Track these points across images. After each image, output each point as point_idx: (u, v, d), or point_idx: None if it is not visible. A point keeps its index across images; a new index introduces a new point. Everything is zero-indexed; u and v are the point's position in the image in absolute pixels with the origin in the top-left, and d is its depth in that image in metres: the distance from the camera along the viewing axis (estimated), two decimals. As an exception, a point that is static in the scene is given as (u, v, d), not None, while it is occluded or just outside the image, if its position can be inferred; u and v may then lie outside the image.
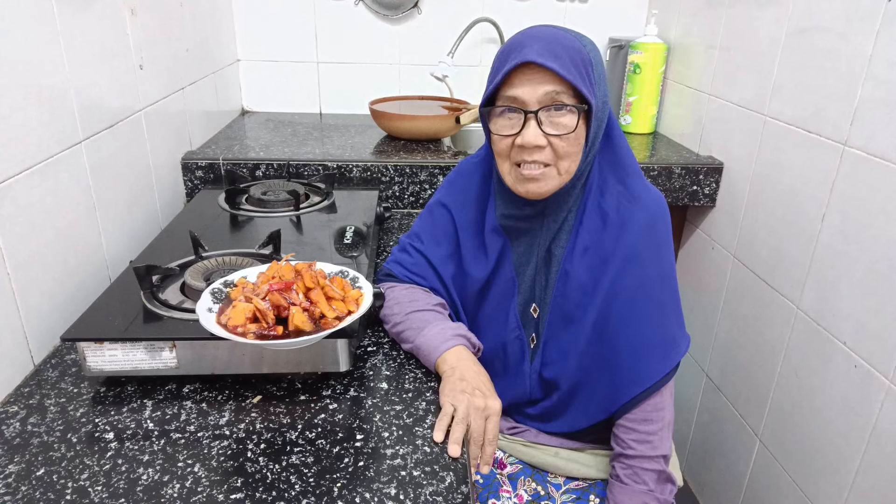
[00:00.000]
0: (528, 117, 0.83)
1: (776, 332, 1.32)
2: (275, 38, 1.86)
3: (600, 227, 0.90)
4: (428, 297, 0.97)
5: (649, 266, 0.89)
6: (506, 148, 0.87)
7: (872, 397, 1.05)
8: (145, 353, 0.79)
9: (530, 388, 1.00)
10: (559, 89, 0.81)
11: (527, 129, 0.83)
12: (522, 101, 0.83)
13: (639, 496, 0.91)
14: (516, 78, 0.83)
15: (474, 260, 0.99)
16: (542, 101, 0.82)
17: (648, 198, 0.90)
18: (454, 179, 1.04)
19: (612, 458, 0.95)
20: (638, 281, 0.88)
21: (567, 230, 0.92)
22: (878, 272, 1.04)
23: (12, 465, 0.68)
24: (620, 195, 0.90)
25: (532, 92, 0.82)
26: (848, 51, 1.09)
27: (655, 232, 0.90)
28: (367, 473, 0.68)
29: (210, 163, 1.43)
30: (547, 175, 0.86)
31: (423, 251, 1.01)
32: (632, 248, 0.88)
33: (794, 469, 1.27)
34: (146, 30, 1.22)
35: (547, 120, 0.83)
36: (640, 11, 1.92)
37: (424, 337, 0.87)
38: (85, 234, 1.00)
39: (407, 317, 0.91)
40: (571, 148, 0.84)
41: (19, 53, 0.83)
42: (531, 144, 0.83)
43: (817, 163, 1.18)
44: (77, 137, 0.97)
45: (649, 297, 0.89)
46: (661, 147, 1.68)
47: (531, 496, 1.03)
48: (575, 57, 0.81)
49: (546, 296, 0.96)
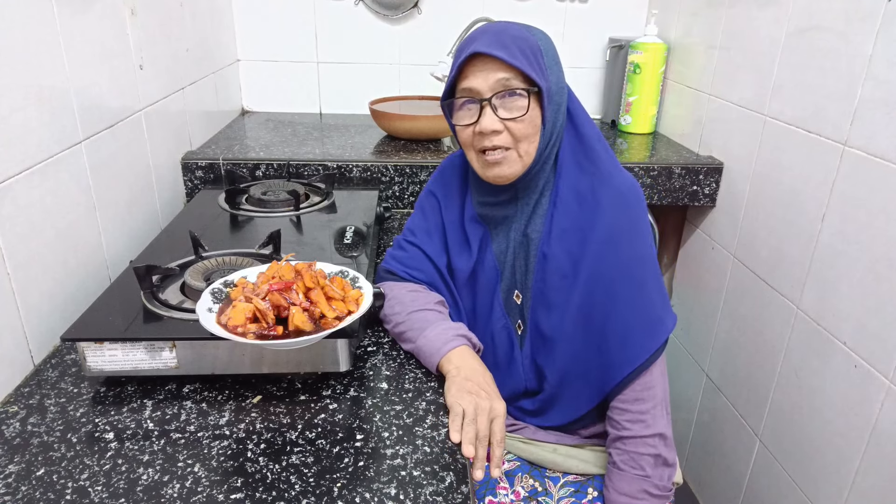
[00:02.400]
0: (483, 105, 0.88)
1: (776, 332, 1.32)
2: (275, 38, 1.86)
3: (576, 208, 0.92)
4: (428, 296, 0.98)
5: (627, 247, 0.91)
6: (468, 137, 0.92)
7: (872, 397, 1.05)
8: (145, 353, 0.79)
9: (525, 376, 1.01)
10: (509, 76, 0.86)
11: (483, 116, 0.88)
12: (476, 90, 0.88)
13: (636, 482, 0.91)
14: (469, 70, 0.88)
15: (459, 252, 1.01)
16: (493, 88, 0.87)
17: (621, 180, 0.93)
18: (440, 172, 1.08)
19: (609, 443, 0.96)
20: (617, 262, 0.90)
21: (541, 213, 0.95)
22: (878, 272, 1.04)
23: (12, 465, 0.68)
24: (594, 176, 0.92)
25: (484, 81, 0.87)
26: (848, 51, 1.09)
27: (631, 213, 0.92)
28: (367, 473, 0.68)
29: (210, 163, 1.43)
30: (508, 158, 0.90)
31: (417, 244, 1.03)
32: (609, 229, 0.90)
33: (794, 469, 1.27)
34: (146, 30, 1.22)
35: (501, 105, 0.87)
36: (640, 11, 1.92)
37: (426, 338, 0.88)
38: (85, 234, 1.00)
39: (409, 317, 0.92)
40: (527, 130, 0.88)
41: (19, 53, 0.83)
42: (488, 130, 0.87)
43: (817, 163, 1.18)
44: (77, 137, 0.98)
45: (630, 278, 0.90)
46: (661, 147, 1.68)
47: (528, 492, 1.03)
48: (522, 45, 0.87)
49: (527, 280, 0.97)
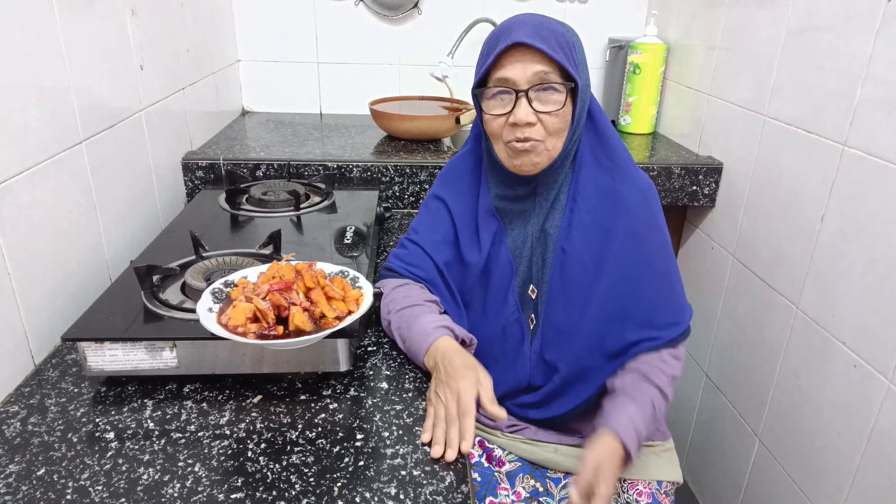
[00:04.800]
0: (518, 96, 0.86)
1: (776, 332, 1.32)
2: (275, 39, 1.86)
3: (598, 204, 0.93)
4: (422, 293, 0.98)
5: (649, 241, 0.92)
6: (498, 127, 0.90)
7: (872, 397, 1.06)
8: (146, 353, 0.79)
9: (530, 371, 1.01)
10: (548, 69, 0.85)
11: (518, 107, 0.86)
12: (513, 81, 0.86)
13: (645, 388, 0.89)
14: (506, 60, 0.86)
15: (470, 247, 1.01)
16: (531, 81, 0.86)
17: (640, 177, 0.94)
18: (446, 173, 1.07)
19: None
20: (643, 256, 0.91)
21: (560, 208, 0.95)
22: (878, 272, 1.04)
23: (13, 464, 0.68)
24: (614, 173, 0.93)
25: (522, 72, 0.85)
26: (848, 51, 1.10)
27: (651, 207, 0.93)
28: (368, 473, 0.68)
29: (210, 163, 1.43)
30: (538, 149, 0.89)
31: (418, 242, 1.03)
32: (632, 224, 0.91)
33: (794, 469, 1.27)
34: (146, 30, 1.22)
35: (536, 98, 0.86)
36: (640, 12, 1.92)
37: (412, 340, 0.88)
38: (85, 234, 1.00)
39: (399, 313, 0.92)
40: (559, 124, 0.88)
41: (19, 53, 0.84)
42: (523, 121, 0.86)
43: (817, 163, 1.18)
44: (77, 137, 0.98)
45: (656, 270, 0.92)
46: (661, 147, 1.68)
47: (529, 493, 1.03)
48: (560, 40, 0.86)
49: (543, 276, 0.97)
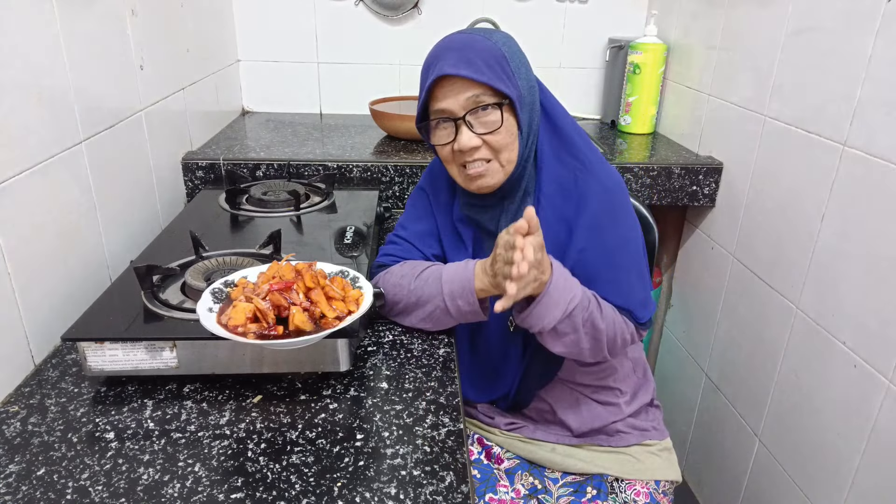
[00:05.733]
0: (458, 124, 0.89)
1: (776, 332, 1.32)
2: (275, 39, 1.86)
3: (560, 201, 0.93)
4: (423, 261, 0.99)
5: (610, 233, 0.92)
6: (448, 154, 0.93)
7: (872, 397, 1.06)
8: (146, 353, 0.79)
9: (517, 372, 1.02)
10: (478, 92, 0.87)
11: (460, 134, 0.89)
12: (450, 111, 0.88)
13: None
14: (439, 91, 0.89)
15: (455, 252, 1.02)
16: (465, 107, 0.87)
17: (601, 169, 0.94)
18: (430, 171, 1.09)
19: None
20: (601, 248, 0.92)
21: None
22: (878, 272, 1.04)
23: (13, 464, 0.68)
24: (576, 169, 0.93)
25: (455, 101, 0.87)
26: (848, 51, 1.10)
27: (614, 199, 0.94)
28: (368, 473, 0.68)
29: (210, 163, 1.43)
30: (491, 170, 0.91)
31: (405, 237, 1.05)
32: (593, 218, 0.91)
33: (794, 469, 1.27)
34: (146, 30, 1.22)
35: (476, 121, 0.88)
36: (640, 12, 1.92)
37: (450, 281, 0.89)
38: (85, 234, 1.00)
39: (416, 280, 0.93)
40: (505, 139, 0.89)
41: (19, 53, 0.84)
42: (467, 147, 0.89)
43: (817, 163, 1.18)
44: (77, 138, 0.98)
45: (613, 264, 0.92)
46: (661, 147, 1.68)
47: (528, 490, 1.03)
48: (487, 57, 0.87)
49: None
